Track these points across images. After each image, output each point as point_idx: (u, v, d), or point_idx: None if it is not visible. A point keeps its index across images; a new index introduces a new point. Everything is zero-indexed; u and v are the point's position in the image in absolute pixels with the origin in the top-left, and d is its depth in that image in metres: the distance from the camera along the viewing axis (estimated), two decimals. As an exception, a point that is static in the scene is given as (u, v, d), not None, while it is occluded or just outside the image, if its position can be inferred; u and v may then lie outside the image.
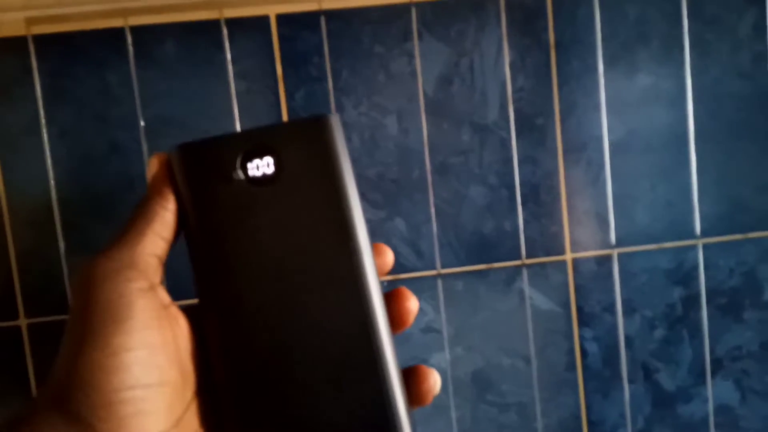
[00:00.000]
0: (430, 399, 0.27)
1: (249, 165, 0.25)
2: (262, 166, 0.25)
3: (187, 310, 0.26)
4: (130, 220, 0.24)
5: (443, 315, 0.40)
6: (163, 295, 0.24)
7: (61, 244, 0.38)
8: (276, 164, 0.25)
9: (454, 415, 0.40)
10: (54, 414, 0.21)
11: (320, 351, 0.25)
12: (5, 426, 0.21)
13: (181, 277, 0.27)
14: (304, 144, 0.25)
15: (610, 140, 0.40)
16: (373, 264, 0.26)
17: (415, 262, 0.40)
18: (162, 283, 0.25)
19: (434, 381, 0.27)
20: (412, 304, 0.27)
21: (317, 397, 0.25)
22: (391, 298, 0.27)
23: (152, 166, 0.26)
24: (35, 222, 0.38)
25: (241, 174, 0.25)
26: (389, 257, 0.28)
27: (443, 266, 0.40)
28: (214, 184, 0.25)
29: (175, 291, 0.26)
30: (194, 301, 0.25)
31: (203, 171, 0.25)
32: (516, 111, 0.40)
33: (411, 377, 0.26)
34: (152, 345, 0.23)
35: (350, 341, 0.25)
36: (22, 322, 0.38)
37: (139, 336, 0.22)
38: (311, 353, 0.25)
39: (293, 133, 0.25)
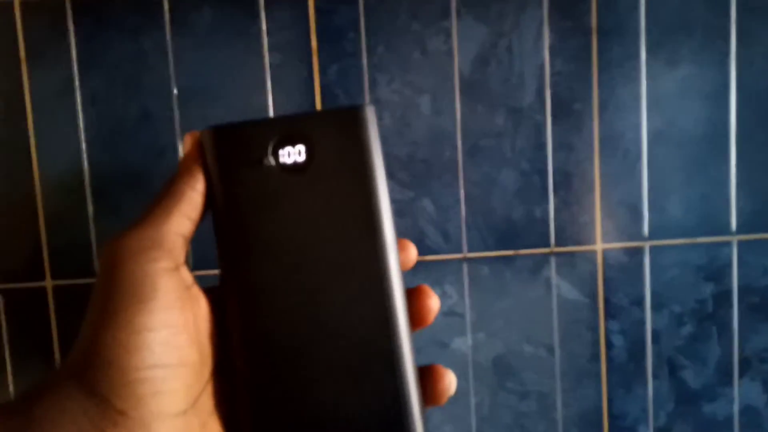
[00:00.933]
0: (444, 399, 0.27)
1: (281, 152, 0.25)
2: (293, 154, 0.25)
3: (207, 291, 0.26)
4: (159, 197, 0.24)
5: (467, 299, 0.40)
6: (186, 275, 0.24)
7: (90, 209, 0.38)
8: (308, 153, 0.25)
9: (473, 401, 0.40)
10: (74, 388, 0.21)
11: (339, 343, 0.25)
12: (27, 395, 0.21)
13: (205, 246, 0.26)
14: (337, 134, 0.25)
15: (648, 130, 0.39)
16: (398, 260, 0.25)
17: (441, 245, 0.39)
18: (186, 262, 0.25)
19: (450, 382, 0.27)
20: (434, 302, 0.27)
21: (332, 388, 0.24)
22: (413, 295, 0.27)
23: (186, 144, 0.26)
24: (65, 186, 0.38)
25: (272, 160, 0.25)
26: (413, 253, 0.28)
27: (470, 250, 0.39)
28: (244, 168, 0.25)
29: (199, 261, 0.26)
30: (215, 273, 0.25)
31: (235, 154, 0.25)
32: (553, 95, 0.39)
33: (427, 376, 0.26)
34: (174, 325, 0.23)
35: (369, 336, 0.25)
36: (48, 283, 0.38)
37: (162, 316, 0.22)
38: (329, 344, 0.25)
39: (328, 123, 0.25)
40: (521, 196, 0.39)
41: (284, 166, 0.25)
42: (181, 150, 0.38)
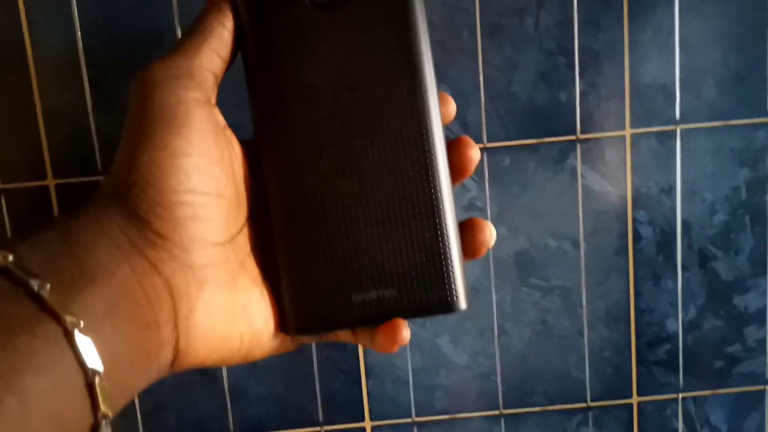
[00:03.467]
0: (483, 252, 0.26)
1: None
2: None
3: (241, 142, 0.25)
4: (187, 34, 0.24)
5: (487, 192, 0.38)
6: (219, 117, 0.24)
7: (88, 102, 0.36)
8: None
9: (494, 297, 0.39)
10: (113, 208, 0.22)
11: (378, 190, 0.24)
12: (67, 214, 0.22)
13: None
14: None
15: (680, 3, 0.36)
16: (438, 105, 0.24)
17: (459, 134, 0.37)
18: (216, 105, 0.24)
19: (490, 233, 0.26)
20: (475, 152, 0.26)
21: (371, 237, 0.24)
22: (453, 146, 0.26)
23: None
24: (61, 78, 0.36)
25: None
26: (452, 107, 0.27)
27: (489, 140, 0.37)
28: (275, 5, 0.24)
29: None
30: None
31: None
32: (579, -35, 0.36)
33: (466, 229, 0.26)
34: (210, 155, 0.23)
35: (409, 183, 0.24)
36: (50, 182, 0.37)
37: (198, 144, 0.22)
38: (368, 191, 0.24)
39: None
40: (545, 79, 0.37)
41: (318, 2, 0.23)
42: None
